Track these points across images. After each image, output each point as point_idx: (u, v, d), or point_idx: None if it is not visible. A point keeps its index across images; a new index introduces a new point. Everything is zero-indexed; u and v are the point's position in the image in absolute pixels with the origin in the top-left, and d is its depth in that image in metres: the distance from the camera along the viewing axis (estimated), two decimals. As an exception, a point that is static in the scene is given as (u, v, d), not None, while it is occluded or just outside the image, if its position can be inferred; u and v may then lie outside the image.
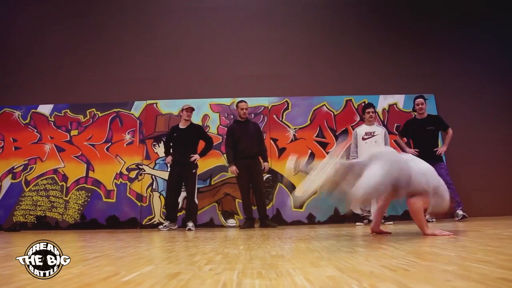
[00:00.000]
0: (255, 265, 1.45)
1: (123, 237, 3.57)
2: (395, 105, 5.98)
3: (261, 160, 5.11)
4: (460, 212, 4.62)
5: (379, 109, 5.97)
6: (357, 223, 4.78)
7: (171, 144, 5.06)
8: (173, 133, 5.04)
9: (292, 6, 6.55)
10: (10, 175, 5.66)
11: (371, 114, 4.90)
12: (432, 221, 4.80)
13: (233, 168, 4.97)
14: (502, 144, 5.87)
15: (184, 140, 4.97)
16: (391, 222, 4.74)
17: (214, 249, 2.14)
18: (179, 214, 5.34)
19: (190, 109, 5.07)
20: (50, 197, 5.56)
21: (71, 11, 6.47)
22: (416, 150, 4.91)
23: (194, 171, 4.96)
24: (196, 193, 4.93)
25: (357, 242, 2.27)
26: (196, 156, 4.95)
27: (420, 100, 5.07)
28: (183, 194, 5.09)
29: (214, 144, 5.73)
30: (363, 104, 5.34)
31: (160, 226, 4.80)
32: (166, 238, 3.31)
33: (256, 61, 6.28)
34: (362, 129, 4.95)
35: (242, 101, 5.21)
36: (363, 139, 4.87)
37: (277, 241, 2.63)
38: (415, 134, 5.08)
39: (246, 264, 1.48)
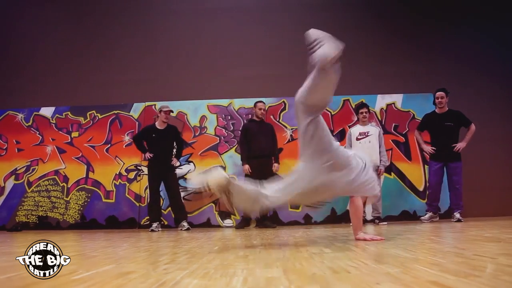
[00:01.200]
0: (211, 265, 1.48)
1: (114, 237, 3.63)
2: (393, 105, 5.93)
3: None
4: (457, 215, 4.53)
5: (377, 108, 5.92)
6: (350, 224, 4.75)
7: (144, 142, 5.10)
8: (151, 133, 5.04)
9: (288, 7, 6.55)
10: (13, 176, 5.81)
11: (364, 114, 4.88)
12: (434, 220, 4.77)
13: (246, 167, 4.96)
14: (501, 144, 5.77)
15: (164, 141, 5.04)
16: (385, 223, 4.71)
17: (188, 249, 2.18)
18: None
19: (169, 111, 5.15)
20: (52, 197, 5.68)
21: (71, 16, 6.60)
22: (433, 148, 4.77)
23: (175, 172, 5.12)
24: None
25: (332, 243, 2.27)
26: (175, 160, 5.08)
27: (440, 93, 4.80)
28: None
29: (211, 145, 5.82)
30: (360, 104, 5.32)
31: (153, 227, 4.73)
32: (154, 238, 3.37)
33: (253, 62, 6.30)
34: (356, 130, 4.93)
35: (260, 101, 5.22)
36: (357, 139, 4.86)
37: (258, 241, 2.65)
38: (433, 129, 4.86)
39: (203, 264, 1.51)
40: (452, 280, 1.03)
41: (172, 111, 5.24)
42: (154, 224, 4.75)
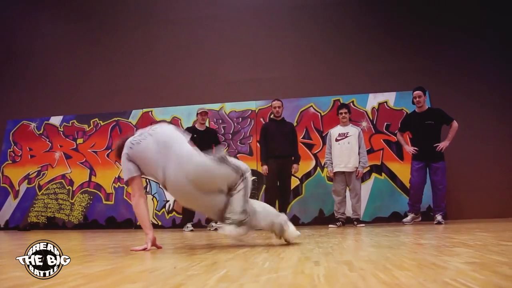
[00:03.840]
0: (77, 262, 1.63)
1: (95, 236, 3.91)
2: (385, 103, 5.79)
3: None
4: (438, 217, 4.35)
5: (368, 107, 5.82)
6: (329, 225, 4.74)
7: None
8: (192, 133, 5.16)
9: (277, 9, 6.59)
10: (26, 180, 6.36)
11: (343, 115, 4.82)
12: (416, 221, 4.63)
13: (264, 167, 4.83)
14: (498, 142, 5.44)
15: (203, 142, 5.04)
16: (363, 225, 4.63)
17: (105, 248, 2.35)
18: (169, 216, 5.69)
19: (204, 113, 5.21)
20: (59, 200, 6.16)
21: (75, 34, 7.11)
22: (415, 148, 4.57)
23: None
24: None
25: (267, 244, 2.35)
26: None
27: (418, 92, 4.62)
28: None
29: (203, 148, 6.00)
30: (340, 105, 5.28)
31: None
32: (119, 238, 3.59)
33: (243, 66, 6.42)
34: (336, 130, 4.89)
35: (275, 99, 5.06)
36: (336, 140, 4.82)
37: (201, 242, 2.78)
38: (414, 128, 4.70)
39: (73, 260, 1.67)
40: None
41: (207, 112, 5.26)
42: (188, 225, 4.85)
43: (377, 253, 1.69)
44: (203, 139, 5.03)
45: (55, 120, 6.57)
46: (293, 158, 4.95)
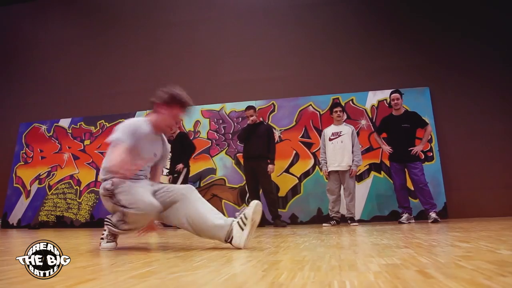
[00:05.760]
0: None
1: (94, 235, 4.07)
2: (385, 101, 5.70)
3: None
4: (433, 214, 4.28)
5: (367, 105, 5.76)
6: (323, 224, 4.72)
7: None
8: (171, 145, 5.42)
9: (275, 8, 6.59)
10: (37, 181, 6.65)
11: (338, 113, 4.81)
12: (411, 222, 4.55)
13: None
14: (500, 140, 5.26)
15: (173, 149, 5.24)
16: (357, 224, 4.59)
17: (74, 244, 2.46)
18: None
19: None
20: (67, 199, 6.41)
21: (81, 40, 7.39)
22: (391, 149, 4.67)
23: (180, 176, 5.24)
24: None
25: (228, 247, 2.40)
26: (179, 166, 5.23)
27: (395, 95, 4.73)
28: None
29: (204, 149, 6.09)
30: (334, 103, 5.24)
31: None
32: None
33: (243, 66, 6.47)
34: (330, 130, 4.87)
35: (247, 108, 5.19)
36: (330, 139, 4.80)
37: (186, 240, 2.85)
38: (391, 131, 4.78)
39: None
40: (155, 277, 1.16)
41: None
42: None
43: (319, 253, 1.69)
44: (173, 146, 5.12)
45: (64, 122, 6.84)
46: (269, 160, 4.95)
